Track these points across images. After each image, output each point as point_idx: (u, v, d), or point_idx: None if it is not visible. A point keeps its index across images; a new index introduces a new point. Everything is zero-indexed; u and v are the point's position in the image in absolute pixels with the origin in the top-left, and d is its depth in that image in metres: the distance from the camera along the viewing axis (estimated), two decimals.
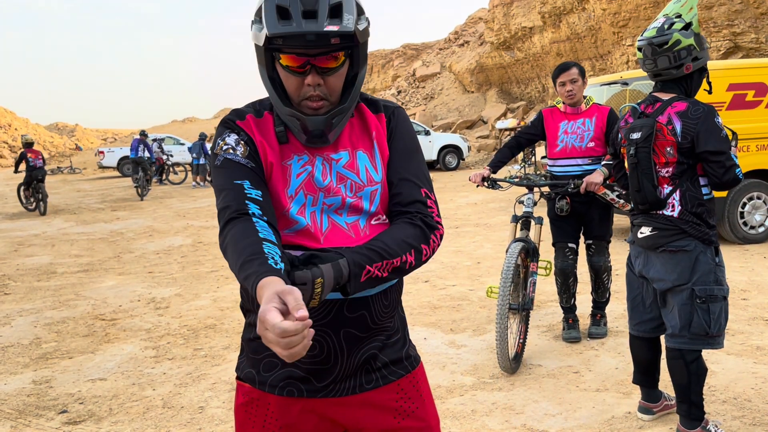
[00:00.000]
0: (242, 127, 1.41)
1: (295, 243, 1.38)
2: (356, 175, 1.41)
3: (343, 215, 1.39)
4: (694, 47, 2.71)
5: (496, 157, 4.34)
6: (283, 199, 1.38)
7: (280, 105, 1.36)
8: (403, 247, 1.32)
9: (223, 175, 1.36)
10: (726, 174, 2.67)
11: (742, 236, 7.00)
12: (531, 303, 3.91)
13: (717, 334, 2.76)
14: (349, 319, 1.39)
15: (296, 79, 1.33)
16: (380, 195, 1.42)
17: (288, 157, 1.40)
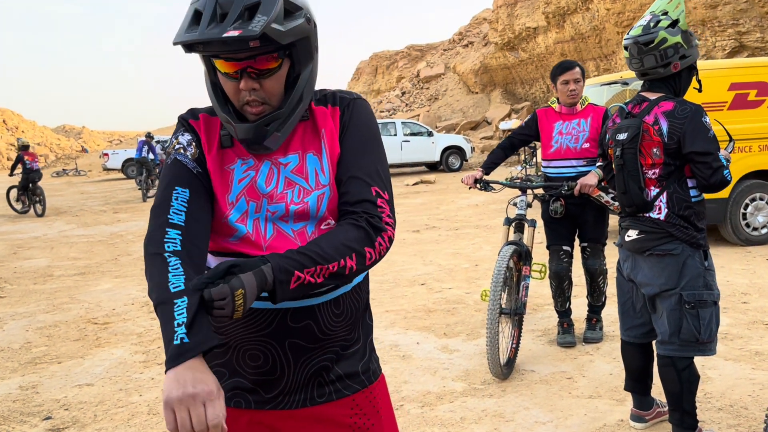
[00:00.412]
0: (194, 126, 1.38)
1: (236, 251, 1.32)
2: (305, 180, 1.35)
3: (289, 222, 1.33)
4: (682, 45, 2.63)
5: (489, 159, 4.26)
6: (224, 206, 1.32)
7: (218, 110, 1.32)
8: (342, 251, 1.22)
9: (167, 177, 1.31)
10: (713, 175, 2.58)
11: (745, 238, 6.89)
12: (523, 307, 3.83)
13: (708, 340, 2.68)
14: (293, 329, 1.32)
15: (233, 84, 1.28)
16: (328, 198, 1.34)
17: (231, 161, 1.35)
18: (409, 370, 3.94)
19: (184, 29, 1.22)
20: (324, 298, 1.34)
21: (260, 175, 1.34)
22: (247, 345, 1.34)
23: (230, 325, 1.34)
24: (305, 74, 1.32)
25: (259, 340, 1.33)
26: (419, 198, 13.88)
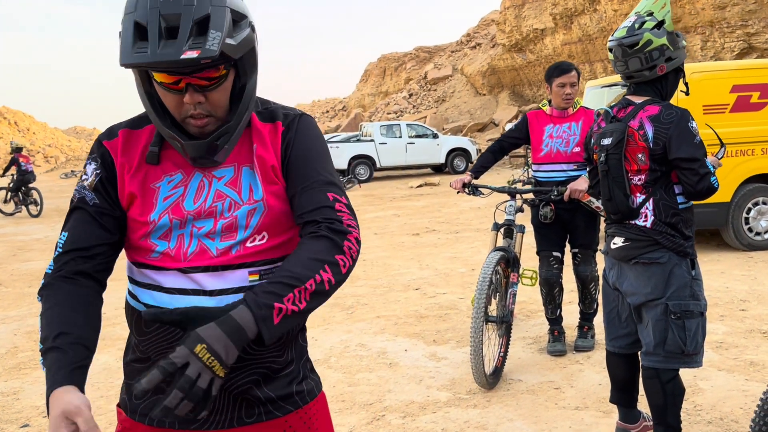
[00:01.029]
0: (108, 148, 1.31)
1: (155, 266, 1.27)
2: (237, 193, 1.28)
3: (215, 240, 1.27)
4: (667, 47, 2.54)
5: (479, 162, 4.18)
6: (144, 225, 1.27)
7: (159, 125, 1.24)
8: (314, 266, 1.15)
9: (67, 216, 1.32)
10: (699, 182, 2.48)
11: (747, 243, 6.76)
12: (510, 315, 3.74)
13: (694, 352, 2.58)
14: None
15: (174, 97, 1.20)
16: (261, 214, 1.28)
17: (156, 179, 1.28)
18: (395, 378, 3.86)
19: (129, 46, 1.13)
20: None
21: (188, 192, 1.27)
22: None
23: (148, 339, 1.29)
24: (251, 84, 1.27)
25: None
26: (421, 201, 13.79)
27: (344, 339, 4.62)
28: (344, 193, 1.32)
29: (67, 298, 1.21)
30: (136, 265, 1.31)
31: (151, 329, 1.28)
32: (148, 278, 1.29)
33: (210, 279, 1.25)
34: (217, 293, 1.25)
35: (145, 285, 1.30)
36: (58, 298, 1.21)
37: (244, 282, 1.26)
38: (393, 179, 19.87)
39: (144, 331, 1.30)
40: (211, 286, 1.25)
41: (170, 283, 1.26)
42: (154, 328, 1.28)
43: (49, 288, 1.23)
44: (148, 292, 1.29)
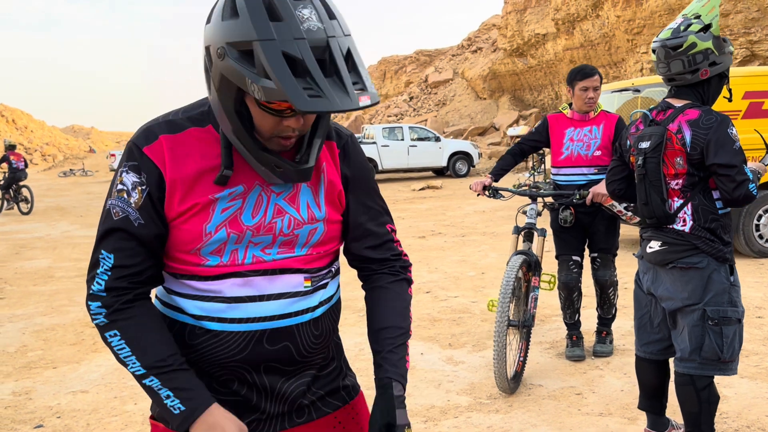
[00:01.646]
0: (152, 158, 1.19)
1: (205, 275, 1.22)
2: (296, 210, 1.25)
3: (271, 254, 1.24)
4: (712, 51, 2.49)
5: (498, 165, 4.14)
6: (197, 238, 1.20)
7: (255, 152, 1.15)
8: (408, 311, 1.39)
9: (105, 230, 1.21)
10: (736, 189, 2.44)
11: (758, 250, 6.74)
12: (532, 319, 3.70)
13: (730, 359, 2.54)
14: (270, 351, 1.24)
15: (273, 118, 1.14)
16: (320, 234, 1.27)
17: (217, 190, 1.21)
18: (413, 382, 3.82)
19: (295, 87, 1.01)
20: (304, 317, 1.26)
21: (247, 205, 1.22)
22: (219, 371, 1.26)
23: (199, 349, 1.25)
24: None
25: (233, 366, 1.24)
26: (425, 203, 13.75)
27: (358, 342, 4.58)
28: (391, 217, 1.44)
29: (150, 318, 1.21)
30: (176, 276, 1.25)
31: (198, 341, 1.24)
32: (195, 289, 1.24)
33: (267, 283, 1.23)
34: (275, 297, 1.23)
35: (191, 296, 1.24)
36: (143, 321, 1.20)
37: (299, 287, 1.25)
38: (395, 182, 19.84)
39: (189, 344, 1.25)
40: (269, 290, 1.23)
41: (227, 291, 1.22)
42: (202, 341, 1.23)
43: (124, 313, 1.20)
44: (196, 303, 1.23)
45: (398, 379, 1.28)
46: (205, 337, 1.23)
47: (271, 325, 1.23)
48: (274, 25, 1.03)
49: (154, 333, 1.19)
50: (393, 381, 1.27)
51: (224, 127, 1.17)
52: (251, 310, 1.22)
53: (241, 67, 1.05)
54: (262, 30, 1.03)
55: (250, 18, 1.04)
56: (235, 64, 1.05)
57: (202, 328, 1.23)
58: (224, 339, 1.22)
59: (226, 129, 1.17)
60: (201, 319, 1.23)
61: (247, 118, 1.15)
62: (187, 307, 1.24)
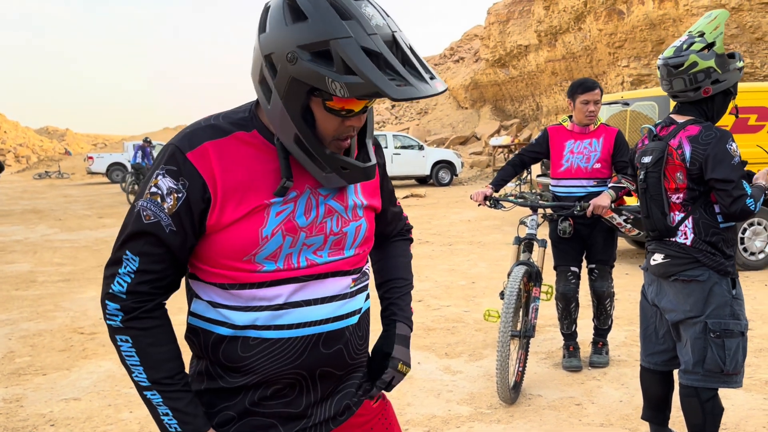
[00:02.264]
0: (194, 163, 1.17)
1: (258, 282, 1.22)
2: (344, 207, 1.29)
3: (323, 256, 1.26)
4: (714, 69, 2.54)
5: (499, 176, 4.16)
6: (255, 242, 1.19)
7: (318, 148, 1.16)
8: (410, 266, 1.60)
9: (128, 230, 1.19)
10: (733, 204, 2.49)
11: (742, 263, 6.86)
12: (533, 330, 3.73)
13: (734, 372, 2.58)
14: (325, 356, 1.26)
15: (337, 119, 1.16)
16: (365, 231, 1.33)
17: (269, 196, 1.20)
18: (412, 391, 3.81)
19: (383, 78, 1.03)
20: (353, 319, 1.30)
21: (299, 207, 1.23)
22: (274, 381, 1.24)
23: (253, 360, 1.23)
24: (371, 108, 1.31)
25: (289, 373, 1.24)
26: (410, 212, 13.77)
27: None
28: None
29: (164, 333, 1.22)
30: (223, 286, 1.22)
31: (253, 353, 1.22)
32: (246, 298, 1.21)
33: (319, 286, 1.25)
34: (328, 300, 1.25)
35: (241, 307, 1.21)
36: (155, 333, 1.21)
37: (347, 289, 1.29)
38: None
39: (242, 356, 1.22)
40: (322, 293, 1.25)
41: (284, 297, 1.22)
42: (257, 351, 1.21)
43: (140, 322, 1.20)
44: (247, 314, 1.21)
45: (404, 321, 1.47)
46: (262, 346, 1.22)
47: (326, 328, 1.25)
48: (347, 23, 1.05)
49: (166, 348, 1.21)
50: (398, 321, 1.46)
51: (285, 135, 1.17)
52: (306, 314, 1.23)
53: (318, 67, 1.06)
54: (337, 28, 1.05)
55: (321, 19, 1.05)
56: (310, 65, 1.06)
57: (257, 338, 1.22)
58: (282, 346, 1.22)
59: (287, 137, 1.17)
60: (254, 329, 1.22)
61: (311, 123, 1.16)
62: (236, 319, 1.22)
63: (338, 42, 1.04)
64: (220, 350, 1.24)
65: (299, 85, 1.10)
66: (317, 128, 1.16)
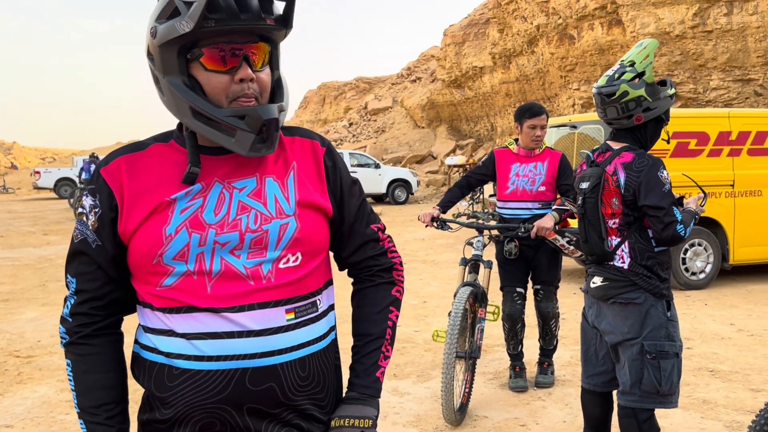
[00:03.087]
0: (106, 178, 1.23)
1: (175, 300, 1.18)
2: (263, 205, 1.22)
3: (241, 257, 1.19)
4: (645, 98, 2.62)
5: (446, 197, 4.20)
6: (157, 244, 1.17)
7: (212, 108, 1.16)
8: (384, 316, 1.37)
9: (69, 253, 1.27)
10: (665, 230, 2.57)
11: (684, 282, 7.08)
12: (478, 351, 3.75)
13: (669, 392, 2.64)
14: (253, 392, 1.18)
15: (223, 79, 1.17)
16: (293, 230, 1.22)
17: (173, 191, 1.20)
18: None
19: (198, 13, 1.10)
20: (288, 356, 1.20)
21: (208, 203, 1.20)
22: (198, 414, 1.18)
23: (177, 390, 1.18)
24: (284, 80, 1.28)
25: (212, 407, 1.18)
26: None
27: None
28: (377, 216, 1.43)
29: (98, 361, 1.24)
30: (151, 308, 1.21)
31: (176, 383, 1.18)
32: (166, 323, 1.19)
33: (245, 319, 1.17)
34: (255, 334, 1.18)
35: (165, 332, 1.19)
36: (90, 361, 1.24)
37: (281, 321, 1.20)
38: None
39: (168, 385, 1.19)
40: (248, 326, 1.18)
41: (204, 326, 1.17)
42: (179, 382, 1.18)
43: (77, 348, 1.25)
44: (171, 340, 1.18)
45: (358, 390, 1.32)
46: (184, 377, 1.18)
47: (254, 363, 1.17)
48: None
49: (99, 376, 1.23)
50: (350, 391, 1.33)
51: (183, 115, 1.19)
52: (230, 346, 1.16)
53: (168, 22, 1.15)
54: None
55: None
56: (164, 26, 1.15)
57: (179, 368, 1.18)
58: (202, 378, 1.17)
59: (186, 116, 1.19)
60: (176, 357, 1.18)
61: (200, 91, 1.18)
62: (161, 345, 1.20)
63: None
64: (152, 379, 1.21)
65: (166, 51, 1.16)
66: (208, 94, 1.18)
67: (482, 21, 27.24)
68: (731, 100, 16.05)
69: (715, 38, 15.47)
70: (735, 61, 15.57)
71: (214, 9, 1.11)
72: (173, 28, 1.13)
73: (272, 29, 1.18)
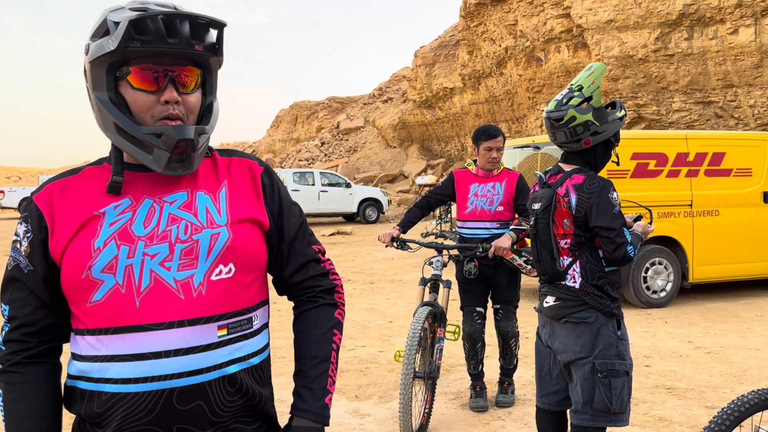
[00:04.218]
0: (37, 203, 1.25)
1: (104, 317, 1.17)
2: (194, 215, 1.24)
3: (171, 269, 1.18)
4: (592, 123, 2.68)
5: (406, 217, 4.23)
6: (86, 255, 1.18)
7: (132, 125, 1.19)
8: (328, 338, 1.36)
9: (3, 281, 1.26)
10: (615, 251, 2.63)
11: (646, 300, 7.19)
12: (437, 371, 3.75)
13: (620, 410, 2.67)
14: (181, 412, 1.18)
15: (149, 98, 1.20)
16: (225, 241, 1.23)
17: (102, 205, 1.22)
18: None
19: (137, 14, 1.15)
20: (216, 373, 1.20)
21: (138, 216, 1.21)
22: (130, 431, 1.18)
23: (108, 414, 1.18)
24: (216, 106, 1.31)
25: (141, 429, 1.17)
26: (335, 249, 13.74)
27: None
28: (317, 239, 1.44)
29: (28, 390, 1.21)
30: (82, 333, 1.20)
31: (106, 408, 1.17)
32: (94, 346, 1.18)
33: (174, 337, 1.16)
34: (183, 352, 1.16)
35: (92, 358, 1.18)
36: (19, 390, 1.21)
37: (213, 338, 1.19)
38: None
39: (96, 412, 1.18)
40: (176, 344, 1.16)
41: (126, 348, 1.15)
42: (109, 406, 1.17)
43: (8, 376, 1.23)
44: (97, 366, 1.17)
45: (304, 415, 1.29)
46: (113, 401, 1.17)
47: (180, 382, 1.17)
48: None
49: (27, 406, 1.21)
50: (296, 416, 1.30)
51: (109, 131, 1.22)
52: (157, 367, 1.15)
53: (99, 41, 1.19)
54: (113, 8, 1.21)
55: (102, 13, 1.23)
56: (95, 43, 1.19)
57: (107, 392, 1.17)
58: (131, 401, 1.16)
59: (111, 131, 1.22)
60: (104, 382, 1.17)
61: (126, 108, 1.21)
62: (89, 371, 1.19)
63: (110, 13, 1.20)
64: (83, 406, 1.20)
65: (96, 67, 1.19)
66: (134, 112, 1.21)
67: (452, 43, 27.64)
68: (693, 121, 16.49)
69: (676, 62, 15.92)
70: (696, 84, 16.03)
71: (142, 31, 1.15)
72: (101, 46, 1.18)
73: (202, 55, 1.22)
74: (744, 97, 15.35)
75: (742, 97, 15.39)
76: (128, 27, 1.14)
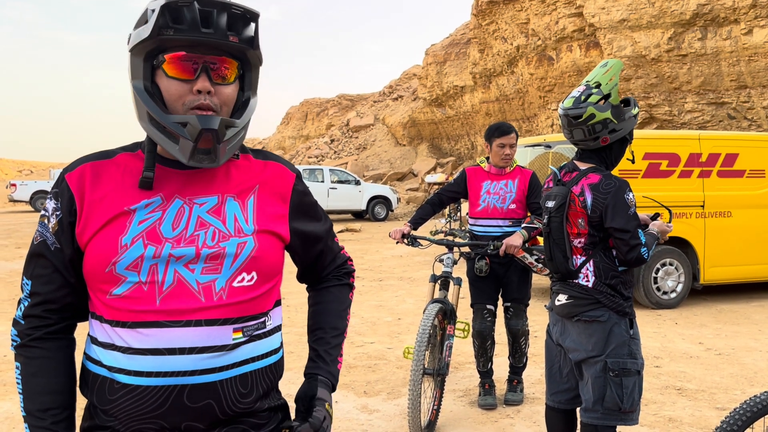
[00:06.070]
0: (69, 183, 1.25)
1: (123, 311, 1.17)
2: (222, 222, 1.24)
3: (195, 271, 1.19)
4: (611, 120, 2.67)
5: (418, 214, 4.23)
6: (113, 250, 1.18)
7: (161, 114, 1.18)
8: (345, 315, 1.48)
9: (28, 255, 1.27)
10: (629, 252, 2.61)
11: (656, 301, 7.15)
12: (446, 368, 3.75)
13: (630, 409, 2.66)
14: (191, 409, 1.18)
15: (182, 86, 1.20)
16: (251, 250, 1.23)
17: (133, 201, 1.22)
18: None
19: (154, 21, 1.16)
20: (228, 373, 1.20)
21: (167, 216, 1.21)
22: (136, 425, 1.19)
23: (118, 404, 1.18)
24: (253, 102, 1.29)
25: (150, 423, 1.18)
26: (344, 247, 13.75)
27: None
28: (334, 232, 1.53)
29: (47, 364, 1.22)
30: (100, 319, 1.21)
31: (116, 396, 1.18)
32: (111, 336, 1.19)
33: (190, 335, 1.17)
34: (198, 351, 1.17)
35: (108, 346, 1.19)
36: (38, 364, 1.22)
37: (227, 340, 1.20)
38: None
39: (108, 398, 1.19)
40: (191, 343, 1.17)
41: (142, 342, 1.16)
42: (120, 395, 1.18)
43: (27, 350, 1.23)
44: (112, 354, 1.18)
45: (327, 376, 1.37)
46: (124, 391, 1.18)
47: (193, 379, 1.17)
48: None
49: (47, 380, 1.22)
50: (320, 376, 1.36)
51: (143, 121, 1.22)
52: (170, 363, 1.16)
53: (138, 29, 1.20)
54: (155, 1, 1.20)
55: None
56: (135, 32, 1.21)
57: (120, 383, 1.18)
58: (140, 394, 1.17)
59: (145, 121, 1.21)
60: (117, 371, 1.18)
61: (160, 98, 1.21)
62: (104, 359, 1.20)
63: (150, 2, 1.20)
64: (95, 391, 1.22)
65: (135, 55, 1.20)
66: (166, 101, 1.21)
67: (463, 41, 27.58)
68: (705, 122, 16.37)
69: (689, 62, 15.81)
70: (709, 84, 15.91)
71: (177, 19, 1.16)
72: (138, 35, 1.19)
73: (237, 47, 1.22)
74: (758, 99, 15.22)
75: (755, 99, 15.27)
76: (162, 14, 1.15)
